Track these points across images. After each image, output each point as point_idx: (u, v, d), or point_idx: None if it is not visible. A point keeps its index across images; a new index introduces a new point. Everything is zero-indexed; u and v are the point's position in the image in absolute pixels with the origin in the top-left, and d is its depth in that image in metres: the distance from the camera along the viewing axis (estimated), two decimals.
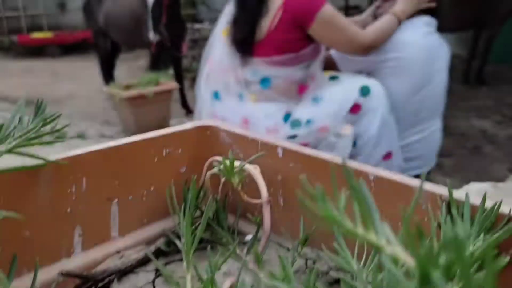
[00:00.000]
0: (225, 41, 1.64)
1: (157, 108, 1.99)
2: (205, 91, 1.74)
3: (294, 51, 1.56)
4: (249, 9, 1.55)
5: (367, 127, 1.62)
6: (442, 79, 1.76)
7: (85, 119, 4.65)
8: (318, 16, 1.51)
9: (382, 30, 1.61)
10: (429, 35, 1.70)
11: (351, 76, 1.70)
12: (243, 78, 1.61)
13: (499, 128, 3.82)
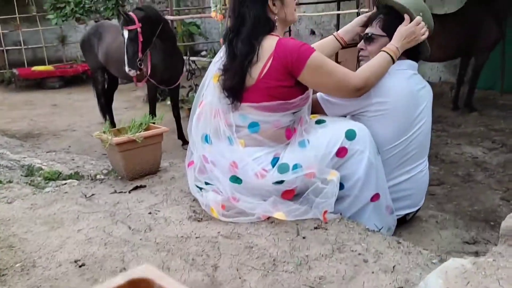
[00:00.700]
0: (215, 87, 1.71)
1: (148, 152, 2.04)
2: (195, 134, 1.81)
3: (283, 99, 1.62)
4: (240, 59, 1.60)
5: (354, 170, 1.66)
6: (427, 120, 1.81)
7: (83, 152, 4.72)
8: (308, 64, 1.56)
9: (374, 70, 1.66)
10: (412, 78, 1.78)
11: (337, 120, 1.76)
12: (232, 123, 1.67)
13: (490, 155, 3.88)
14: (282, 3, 1.66)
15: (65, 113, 6.71)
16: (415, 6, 1.79)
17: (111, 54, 4.72)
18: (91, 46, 4.95)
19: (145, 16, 4.00)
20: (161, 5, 11.20)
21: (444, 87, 6.25)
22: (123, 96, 7.23)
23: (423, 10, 1.80)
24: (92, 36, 4.95)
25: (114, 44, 4.68)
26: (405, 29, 1.72)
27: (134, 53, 3.99)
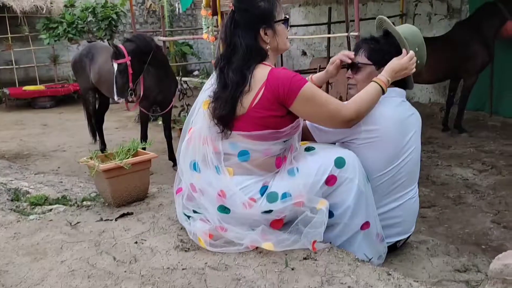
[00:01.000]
0: (205, 114, 1.70)
1: (136, 178, 2.01)
2: (183, 161, 1.79)
3: (274, 128, 1.61)
4: (231, 89, 1.59)
5: (343, 198, 1.65)
6: (417, 147, 1.81)
7: (72, 173, 4.66)
8: (300, 95, 1.55)
9: (365, 102, 1.66)
10: (401, 105, 1.78)
11: (326, 147, 1.76)
12: (221, 151, 1.66)
13: (480, 177, 3.89)
14: (274, 33, 1.65)
15: (55, 133, 6.67)
16: (412, 39, 1.81)
17: (103, 75, 4.72)
18: (82, 67, 4.95)
19: (135, 49, 4.04)
20: (154, 25, 11.30)
21: (434, 108, 6.32)
22: (114, 116, 7.21)
23: (420, 45, 1.82)
24: (84, 57, 4.96)
25: (106, 66, 4.68)
26: (398, 63, 1.73)
27: (124, 84, 4.04)
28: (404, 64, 1.73)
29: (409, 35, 1.81)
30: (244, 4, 1.63)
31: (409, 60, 1.74)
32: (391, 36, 1.83)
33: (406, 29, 1.85)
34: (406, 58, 1.74)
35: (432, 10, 6.27)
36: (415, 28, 1.89)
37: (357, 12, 3.60)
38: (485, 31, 4.80)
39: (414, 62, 1.75)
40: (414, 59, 1.75)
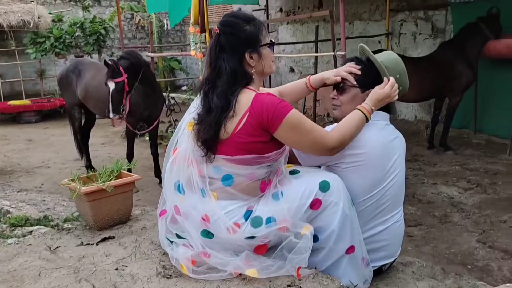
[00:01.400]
0: (190, 135, 1.68)
1: (119, 201, 1.97)
2: (168, 182, 1.76)
3: (259, 153, 1.59)
4: (215, 113, 1.57)
5: (328, 222, 1.63)
6: (401, 171, 1.81)
7: (56, 191, 4.58)
8: (284, 122, 1.54)
9: (349, 130, 1.65)
10: (385, 129, 1.79)
11: (311, 170, 1.75)
12: (205, 174, 1.64)
13: (466, 196, 3.92)
14: (260, 56, 1.64)
15: (40, 148, 6.57)
16: (393, 67, 1.82)
17: (90, 92, 4.68)
18: (69, 82, 4.91)
19: (130, 65, 4.04)
20: (142, 40, 11.32)
21: (420, 125, 6.39)
22: (100, 132, 7.15)
23: (401, 72, 1.83)
24: (70, 72, 4.92)
25: (93, 82, 4.66)
26: (381, 92, 1.74)
27: (119, 101, 4.03)
28: (386, 93, 1.74)
29: (389, 63, 1.82)
30: (230, 28, 1.62)
31: (391, 88, 1.75)
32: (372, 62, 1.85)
33: (387, 57, 1.86)
34: (388, 87, 1.75)
35: (417, 30, 6.38)
36: (396, 55, 1.89)
37: (343, 31, 3.65)
38: (468, 51, 4.90)
39: (396, 89, 1.76)
40: (395, 86, 1.76)
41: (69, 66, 5.10)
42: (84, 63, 5.01)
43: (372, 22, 7.05)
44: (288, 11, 8.65)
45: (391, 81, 1.76)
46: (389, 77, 1.77)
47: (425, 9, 6.22)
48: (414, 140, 5.85)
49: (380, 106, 1.75)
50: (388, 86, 1.75)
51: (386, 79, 1.77)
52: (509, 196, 3.84)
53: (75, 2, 9.21)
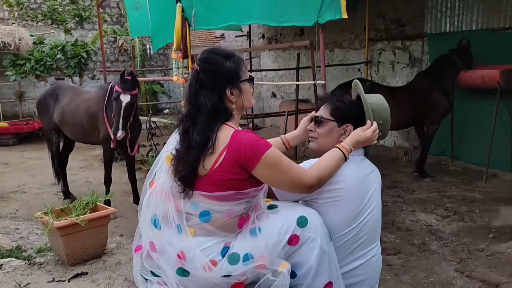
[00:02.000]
0: (168, 169, 1.67)
1: (93, 235, 1.92)
2: (144, 216, 1.73)
3: (237, 189, 1.58)
4: (195, 151, 1.57)
5: (306, 258, 1.62)
6: (377, 205, 1.82)
7: (31, 217, 4.46)
8: (262, 160, 1.54)
9: (327, 169, 1.66)
10: (361, 163, 1.81)
11: (289, 205, 1.75)
12: (182, 210, 1.62)
13: (444, 223, 3.96)
14: (240, 92, 1.65)
15: (16, 172, 6.42)
16: (380, 112, 1.83)
17: (66, 117, 4.64)
18: (47, 106, 4.86)
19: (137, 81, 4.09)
20: (125, 63, 11.32)
21: (399, 151, 6.49)
22: (79, 155, 7.03)
23: (385, 119, 1.84)
24: (48, 97, 4.87)
25: (70, 107, 4.62)
26: (362, 134, 1.76)
27: (129, 116, 4.02)
28: (367, 137, 1.76)
29: (377, 107, 1.83)
30: (210, 64, 1.63)
31: (372, 132, 1.77)
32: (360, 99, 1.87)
33: (376, 100, 1.87)
34: (370, 131, 1.76)
35: (395, 59, 6.56)
36: (385, 101, 1.89)
37: (323, 60, 3.72)
38: (444, 80, 5.06)
39: (376, 134, 1.78)
40: (377, 131, 1.78)
41: (48, 90, 5.06)
42: (62, 87, 4.97)
43: (352, 51, 7.22)
44: (271, 37, 8.81)
45: (374, 125, 1.78)
46: (373, 121, 1.79)
47: (403, 39, 6.42)
48: (393, 166, 5.93)
49: (358, 147, 1.77)
50: (370, 130, 1.76)
51: (370, 122, 1.79)
52: (486, 224, 3.90)
53: (57, 25, 9.18)
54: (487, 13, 5.32)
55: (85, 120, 4.47)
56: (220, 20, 4.74)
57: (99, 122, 4.36)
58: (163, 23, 5.84)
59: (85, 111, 4.46)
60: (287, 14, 3.68)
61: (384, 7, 6.56)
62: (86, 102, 4.52)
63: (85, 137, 4.69)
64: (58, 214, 1.93)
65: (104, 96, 4.32)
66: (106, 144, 4.42)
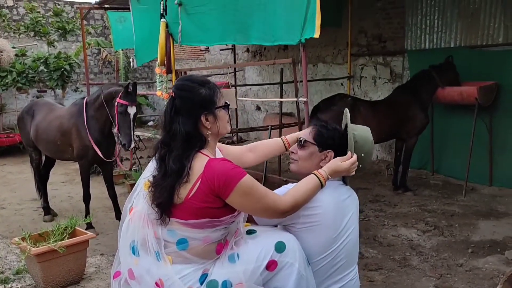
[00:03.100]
0: (145, 196, 1.67)
1: (71, 261, 1.90)
2: (123, 243, 1.73)
3: (212, 217, 1.59)
4: (171, 179, 1.57)
5: (284, 283, 1.64)
6: (354, 229, 1.85)
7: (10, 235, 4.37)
8: (237, 188, 1.55)
9: (303, 195, 1.67)
10: (338, 188, 1.84)
11: (267, 230, 1.76)
12: (161, 237, 1.62)
13: (424, 238, 4.02)
14: (215, 118, 1.66)
15: None
16: (362, 144, 1.85)
17: (40, 133, 4.59)
18: (24, 124, 4.83)
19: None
20: (109, 75, 11.26)
21: (381, 165, 6.58)
22: (61, 169, 6.94)
23: (367, 152, 1.87)
24: (25, 114, 4.85)
25: (43, 124, 4.58)
26: (341, 165, 1.78)
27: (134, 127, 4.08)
28: (345, 168, 1.78)
29: (361, 139, 1.86)
30: (185, 91, 1.64)
31: (351, 164, 1.79)
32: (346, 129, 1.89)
33: (362, 133, 1.89)
34: (349, 162, 1.78)
35: (376, 74, 6.68)
36: (370, 135, 1.91)
37: (305, 77, 3.76)
38: (422, 95, 5.16)
39: (355, 166, 1.80)
40: (356, 164, 1.80)
41: (25, 108, 5.03)
42: (38, 104, 4.91)
43: (335, 65, 7.33)
44: (255, 51, 8.88)
45: (353, 158, 1.80)
46: (353, 153, 1.81)
47: (384, 55, 6.54)
48: (375, 180, 6.01)
49: (336, 177, 1.80)
50: (349, 162, 1.79)
51: (350, 153, 1.81)
52: (465, 239, 3.97)
53: (40, 37, 9.10)
54: (465, 30, 5.48)
55: (57, 137, 4.42)
56: (209, 38, 4.77)
57: (73, 139, 4.33)
58: (147, 38, 5.85)
59: (58, 128, 4.43)
60: (275, 33, 3.74)
61: (366, 24, 6.70)
62: (59, 118, 4.48)
63: (58, 153, 4.65)
64: (36, 240, 1.91)
65: (78, 112, 4.29)
66: (82, 161, 4.40)
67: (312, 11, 3.28)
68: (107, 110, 4.18)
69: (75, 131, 4.28)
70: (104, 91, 4.27)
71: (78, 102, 4.47)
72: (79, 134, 4.26)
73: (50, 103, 4.90)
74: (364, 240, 4.01)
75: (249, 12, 3.97)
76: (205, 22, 4.55)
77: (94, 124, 4.24)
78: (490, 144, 5.32)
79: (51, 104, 4.89)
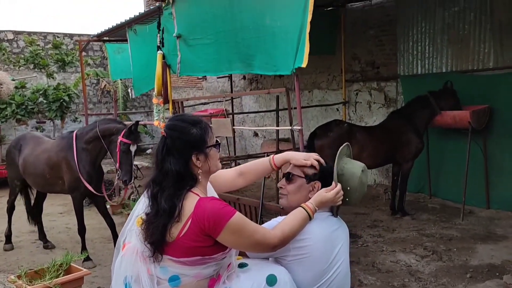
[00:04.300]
0: (138, 233, 1.69)
1: None
2: (117, 277, 1.74)
3: (203, 255, 1.60)
4: (163, 218, 1.59)
5: None
6: (345, 260, 1.86)
7: (8, 269, 4.35)
8: (226, 227, 1.56)
9: (292, 228, 1.69)
10: (327, 220, 1.86)
11: (258, 263, 1.78)
12: (154, 274, 1.63)
13: (423, 263, 4.01)
14: (206, 157, 1.69)
15: None
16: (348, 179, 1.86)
17: (27, 167, 4.59)
18: (12, 158, 4.85)
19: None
20: (108, 105, 11.39)
21: (379, 189, 6.59)
22: (59, 200, 6.93)
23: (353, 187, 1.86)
24: (13, 148, 4.87)
25: (31, 157, 4.58)
26: (325, 195, 1.80)
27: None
28: (330, 198, 1.80)
29: (348, 173, 1.87)
30: (176, 131, 1.67)
31: (335, 194, 1.80)
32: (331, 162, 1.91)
33: (351, 168, 1.90)
34: (333, 192, 1.81)
35: (371, 99, 6.78)
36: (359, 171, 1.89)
37: (299, 105, 3.82)
38: (417, 120, 5.22)
39: (340, 196, 1.82)
40: (340, 193, 1.82)
41: (13, 142, 5.07)
42: (26, 137, 4.93)
43: (330, 91, 7.44)
44: (251, 78, 9.02)
45: (338, 187, 1.82)
46: (337, 183, 1.83)
47: (378, 80, 6.66)
48: (374, 204, 6.01)
49: (323, 207, 1.82)
50: (333, 192, 1.81)
51: (334, 183, 1.84)
52: (463, 264, 3.96)
53: (39, 69, 9.26)
54: (456, 56, 5.59)
55: (46, 170, 4.42)
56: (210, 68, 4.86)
57: (63, 172, 4.34)
58: (145, 69, 5.97)
59: (46, 161, 4.43)
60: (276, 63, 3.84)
61: (359, 50, 6.84)
62: (47, 152, 4.49)
63: (47, 187, 4.65)
64: (32, 277, 1.92)
65: (67, 145, 4.32)
66: (74, 193, 4.40)
67: (303, 42, 3.38)
68: (103, 144, 4.24)
69: (65, 164, 4.30)
70: (100, 125, 4.31)
71: (66, 136, 4.49)
72: (70, 167, 4.28)
73: (37, 136, 4.88)
74: (363, 267, 3.99)
75: (250, 44, 4.08)
76: (206, 53, 4.65)
77: (85, 156, 4.27)
78: (486, 167, 5.35)
79: (38, 137, 4.86)
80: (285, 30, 3.62)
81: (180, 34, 4.79)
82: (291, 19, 3.52)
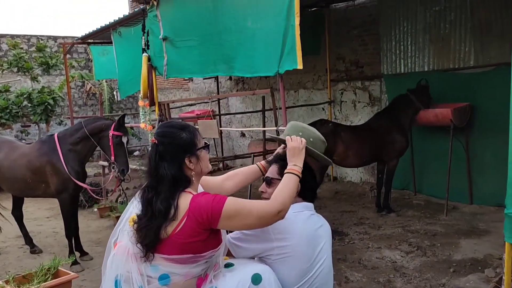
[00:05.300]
0: (130, 233, 1.72)
1: None
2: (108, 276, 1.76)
3: (195, 252, 1.65)
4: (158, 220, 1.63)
5: None
6: (327, 258, 1.90)
7: None
8: (223, 214, 1.62)
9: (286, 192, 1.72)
10: (310, 219, 1.91)
11: (244, 263, 1.81)
12: (144, 273, 1.66)
13: (407, 259, 4.09)
14: (198, 159, 1.75)
15: None
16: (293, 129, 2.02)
17: (2, 172, 4.47)
18: None
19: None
20: (93, 107, 11.31)
21: (365, 187, 6.68)
22: (46, 203, 6.87)
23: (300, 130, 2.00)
24: None
25: (6, 162, 4.47)
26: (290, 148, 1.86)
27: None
28: (293, 146, 1.86)
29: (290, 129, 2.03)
30: (167, 137, 1.73)
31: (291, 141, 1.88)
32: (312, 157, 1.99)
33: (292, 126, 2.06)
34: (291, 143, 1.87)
35: (356, 98, 6.87)
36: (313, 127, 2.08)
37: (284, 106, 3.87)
38: (401, 119, 5.32)
39: (296, 139, 1.88)
40: (294, 138, 1.89)
41: None
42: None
43: (316, 91, 7.51)
44: (237, 79, 9.05)
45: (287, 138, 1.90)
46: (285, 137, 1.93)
47: (362, 79, 6.75)
48: (360, 202, 6.09)
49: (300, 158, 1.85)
50: (290, 142, 1.88)
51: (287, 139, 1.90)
52: (447, 258, 4.05)
53: (23, 72, 9.16)
54: (437, 55, 5.70)
55: (27, 175, 4.35)
56: (195, 70, 4.89)
57: (47, 176, 4.30)
58: (130, 71, 5.97)
59: (26, 166, 4.35)
60: (255, 65, 3.90)
61: (343, 50, 6.92)
62: (25, 156, 4.40)
63: (27, 191, 4.57)
64: (20, 282, 1.93)
65: (50, 149, 4.29)
66: (62, 195, 4.37)
67: (291, 45, 3.41)
68: (93, 142, 4.31)
69: (50, 168, 4.27)
70: (87, 125, 4.34)
71: (47, 139, 4.45)
72: (56, 169, 4.25)
73: (10, 141, 4.77)
74: (349, 264, 4.06)
75: (232, 46, 4.13)
76: (192, 54, 4.68)
77: (73, 157, 4.27)
78: (468, 163, 5.47)
79: (12, 141, 4.75)
80: (265, 32, 3.66)
81: (166, 36, 4.81)
82: (273, 22, 3.56)
